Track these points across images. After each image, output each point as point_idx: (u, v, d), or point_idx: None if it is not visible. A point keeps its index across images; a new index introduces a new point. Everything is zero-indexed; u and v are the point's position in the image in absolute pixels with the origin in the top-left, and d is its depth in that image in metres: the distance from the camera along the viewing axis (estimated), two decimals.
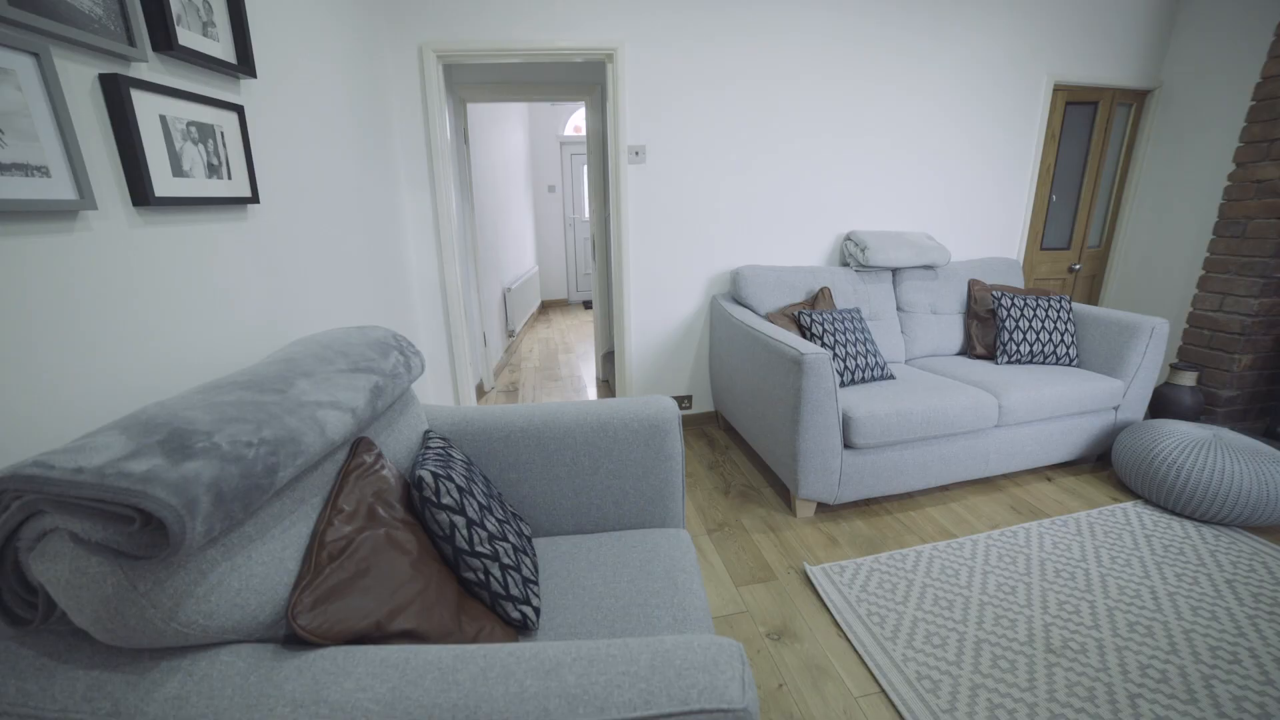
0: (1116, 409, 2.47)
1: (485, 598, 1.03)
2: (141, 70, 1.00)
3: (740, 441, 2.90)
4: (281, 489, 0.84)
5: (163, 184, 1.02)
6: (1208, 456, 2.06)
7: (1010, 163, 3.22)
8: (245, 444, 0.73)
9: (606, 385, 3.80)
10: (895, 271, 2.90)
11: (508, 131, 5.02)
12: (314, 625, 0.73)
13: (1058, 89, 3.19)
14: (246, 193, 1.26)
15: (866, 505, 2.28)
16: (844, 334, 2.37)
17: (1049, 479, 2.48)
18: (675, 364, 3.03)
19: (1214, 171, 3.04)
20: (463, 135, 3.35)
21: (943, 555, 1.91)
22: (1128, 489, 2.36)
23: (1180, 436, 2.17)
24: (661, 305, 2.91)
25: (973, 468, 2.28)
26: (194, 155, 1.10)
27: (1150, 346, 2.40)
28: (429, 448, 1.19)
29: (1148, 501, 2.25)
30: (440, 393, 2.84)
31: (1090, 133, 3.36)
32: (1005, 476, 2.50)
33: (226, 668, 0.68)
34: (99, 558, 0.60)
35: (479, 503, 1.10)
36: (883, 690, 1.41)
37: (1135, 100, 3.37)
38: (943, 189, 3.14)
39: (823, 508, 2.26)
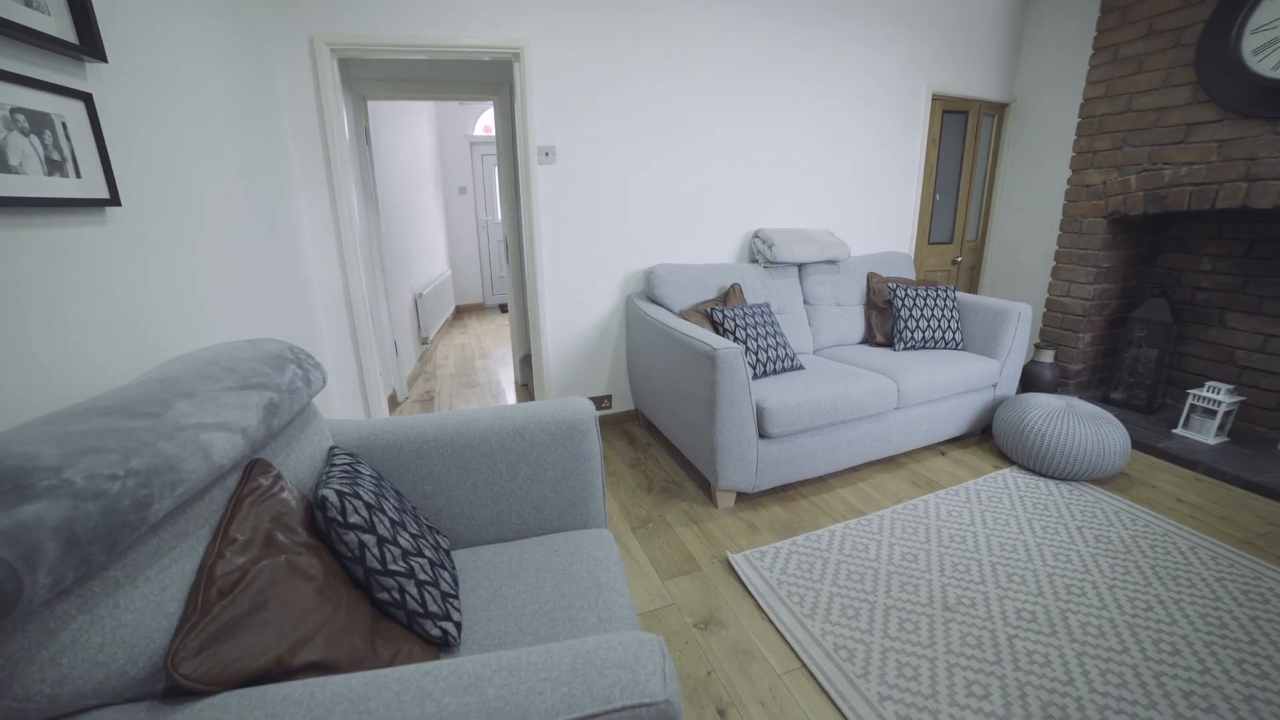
0: (995, 386, 2.75)
1: (402, 617, 0.99)
2: None
3: (661, 438, 2.95)
4: (158, 524, 0.76)
5: None
6: (1063, 423, 2.36)
7: (899, 164, 3.50)
8: (108, 477, 0.65)
9: (526, 389, 3.74)
10: (801, 267, 3.07)
11: (414, 131, 4.80)
12: (200, 671, 0.66)
13: (936, 98, 3.50)
14: (103, 194, 1.12)
15: (783, 491, 2.39)
16: (755, 328, 2.48)
17: (943, 453, 2.72)
18: (594, 364, 3.03)
19: (1058, 176, 3.47)
20: (364, 135, 3.17)
21: (854, 532, 2.05)
22: (1006, 457, 2.64)
23: (1042, 407, 2.46)
24: (577, 306, 2.90)
25: (877, 448, 2.46)
26: (25, 148, 0.97)
27: (1018, 329, 2.69)
28: (334, 465, 1.12)
29: (1021, 466, 2.53)
30: (349, 406, 2.67)
31: (964, 138, 3.72)
32: (906, 454, 2.71)
33: None
34: None
35: (390, 519, 1.05)
36: (804, 665, 1.49)
37: (997, 111, 3.77)
38: (841, 188, 3.36)
39: (742, 497, 2.35)
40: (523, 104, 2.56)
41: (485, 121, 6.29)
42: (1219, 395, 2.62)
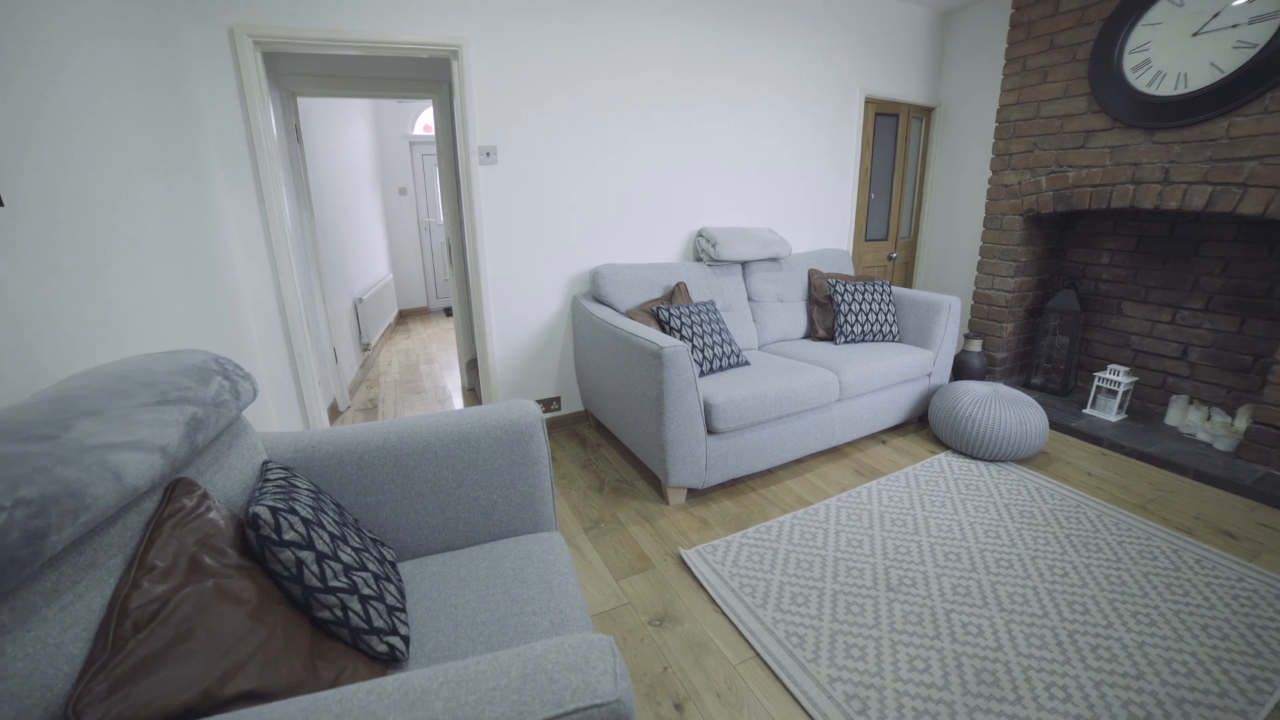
0: (929, 375, 2.90)
1: (346, 635, 0.95)
2: None
3: (611, 438, 2.96)
4: (59, 556, 0.70)
5: None
6: (990, 408, 2.51)
7: (837, 164, 3.63)
8: None
9: (473, 394, 3.66)
10: (744, 264, 3.14)
11: (350, 130, 4.61)
12: (110, 716, 0.61)
13: (869, 101, 3.66)
14: None
15: (733, 485, 2.44)
16: (700, 326, 2.52)
17: (883, 441, 2.85)
18: (541, 366, 3.00)
19: (980, 176, 3.71)
20: (294, 133, 3.01)
21: (802, 522, 2.12)
22: (941, 442, 2.80)
23: (972, 394, 2.61)
24: (523, 308, 2.87)
25: (822, 439, 2.54)
26: None
27: (949, 321, 2.85)
28: (267, 480, 1.07)
29: (955, 451, 2.68)
30: (286, 418, 2.54)
31: (895, 140, 3.90)
32: (849, 444, 2.82)
33: None
34: None
35: (330, 533, 1.01)
36: (757, 654, 1.53)
37: (925, 115, 3.98)
38: (782, 187, 3.46)
39: (693, 493, 2.38)
40: (462, 103, 2.50)
41: (425, 120, 6.10)
42: (1118, 377, 2.87)
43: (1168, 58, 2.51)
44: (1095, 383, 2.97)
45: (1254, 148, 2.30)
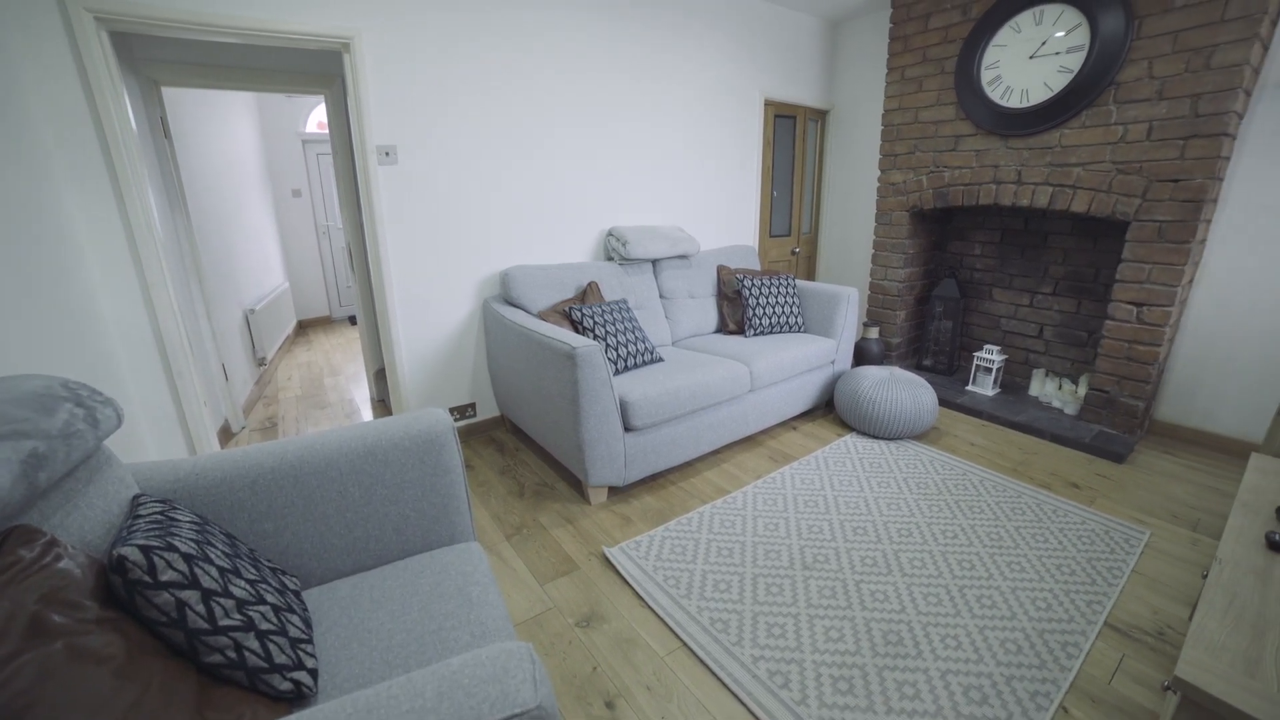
0: (833, 363, 3.09)
1: (242, 678, 0.88)
2: None
3: (529, 442, 2.91)
4: None
5: None
6: (887, 390, 2.73)
7: (741, 163, 3.78)
8: None
9: (383, 405, 3.48)
10: (655, 263, 3.20)
11: (230, 125, 4.19)
12: None
13: (768, 103, 3.84)
14: None
15: (653, 480, 2.48)
16: (614, 324, 2.54)
17: (795, 428, 3.00)
18: (453, 372, 2.90)
19: (871, 175, 4.00)
20: (160, 127, 2.70)
21: (721, 511, 2.19)
22: (847, 425, 2.99)
23: (872, 378, 2.82)
24: (431, 313, 2.75)
25: (736, 430, 2.64)
26: None
27: (849, 310, 3.05)
28: (138, 516, 0.96)
29: (860, 432, 2.88)
30: (168, 445, 2.28)
31: (793, 140, 4.12)
32: (763, 432, 2.95)
33: None
34: None
35: (219, 567, 0.93)
36: (684, 644, 1.57)
37: (820, 117, 4.23)
38: (690, 186, 3.55)
39: (614, 491, 2.39)
40: (357, 100, 2.36)
41: (319, 117, 5.68)
42: (992, 356, 3.21)
43: (1014, 75, 2.85)
44: (974, 362, 3.30)
45: (1078, 156, 2.69)
